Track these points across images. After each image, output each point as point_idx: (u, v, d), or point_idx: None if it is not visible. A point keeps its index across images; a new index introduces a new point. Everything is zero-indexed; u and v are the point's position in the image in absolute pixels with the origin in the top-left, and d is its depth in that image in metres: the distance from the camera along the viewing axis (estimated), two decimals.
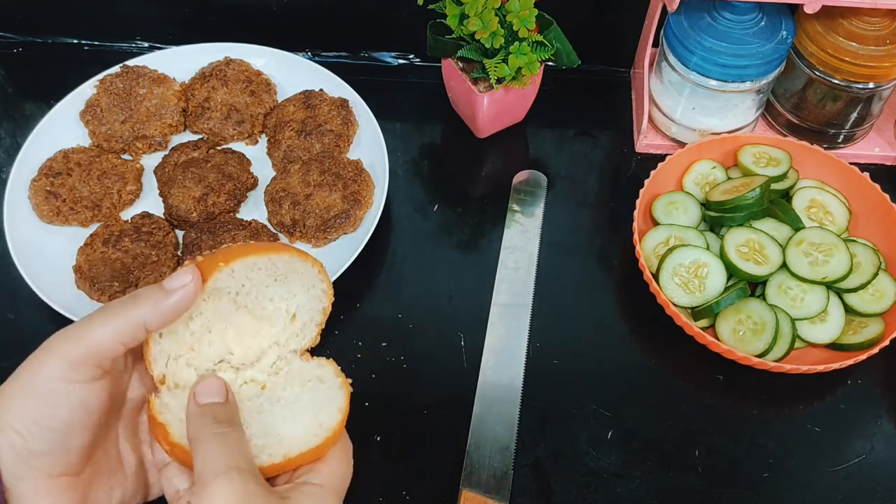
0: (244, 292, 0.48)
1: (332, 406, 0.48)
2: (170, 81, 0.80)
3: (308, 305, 0.50)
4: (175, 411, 0.45)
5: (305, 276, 0.49)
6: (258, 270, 0.47)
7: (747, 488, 0.63)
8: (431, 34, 0.75)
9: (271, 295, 0.49)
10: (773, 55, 0.72)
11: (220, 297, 0.47)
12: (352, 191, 0.71)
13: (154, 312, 0.43)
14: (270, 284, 0.48)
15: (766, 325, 0.65)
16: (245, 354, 0.49)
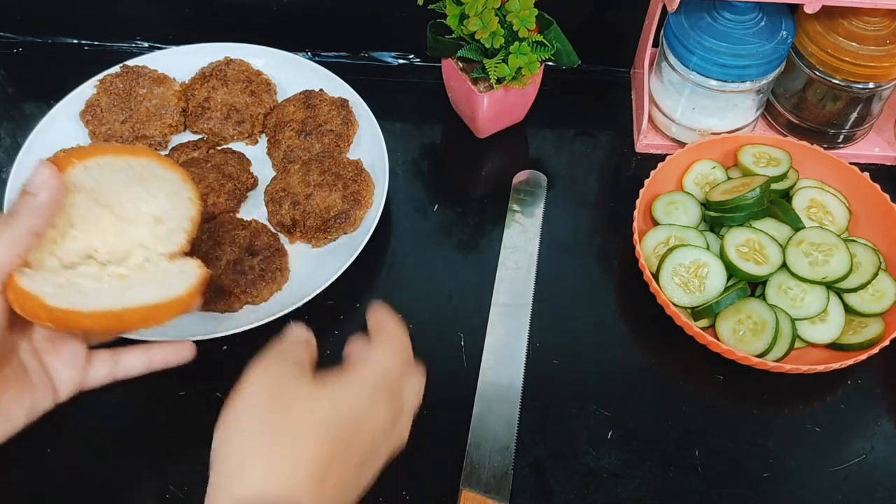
0: (101, 189, 0.49)
1: (183, 279, 0.51)
2: (170, 81, 0.80)
3: (174, 212, 0.52)
4: (42, 284, 0.46)
5: (168, 182, 0.51)
6: (115, 171, 0.49)
7: (747, 488, 0.63)
8: (431, 34, 0.75)
9: (131, 196, 0.50)
10: (773, 55, 0.72)
11: (78, 193, 0.48)
12: (352, 191, 0.71)
13: (35, 216, 0.46)
14: (129, 185, 0.50)
15: (766, 325, 0.65)
16: (111, 253, 0.50)
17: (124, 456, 0.63)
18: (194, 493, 0.61)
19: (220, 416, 0.44)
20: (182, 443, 0.64)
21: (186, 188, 0.52)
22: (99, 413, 0.65)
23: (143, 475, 0.62)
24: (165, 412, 0.65)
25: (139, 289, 0.49)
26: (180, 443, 0.64)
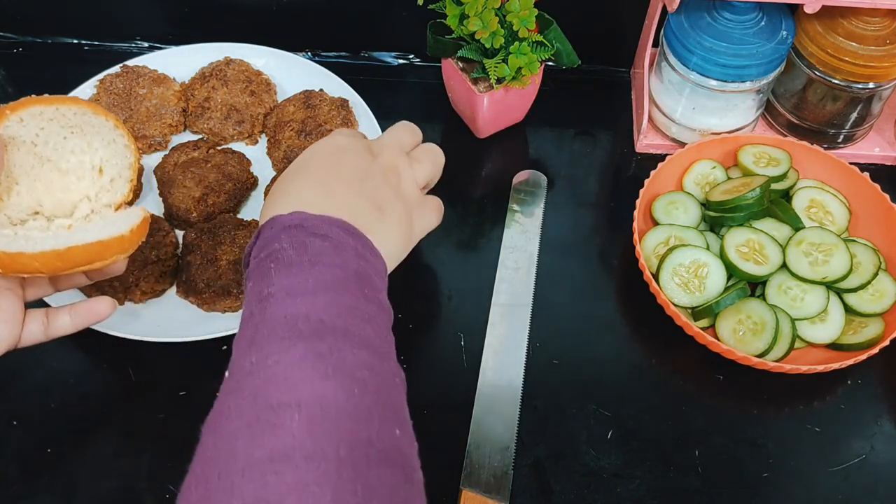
0: (41, 143, 0.50)
1: (126, 221, 0.52)
2: (170, 81, 0.80)
3: (114, 160, 0.53)
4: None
5: (102, 129, 0.52)
6: (49, 121, 0.50)
7: (747, 488, 0.63)
8: (431, 34, 0.75)
9: (71, 147, 0.51)
10: (773, 55, 0.72)
11: (18, 147, 0.49)
12: None
13: None
14: (67, 136, 0.51)
15: (766, 325, 0.65)
16: (57, 206, 0.51)
17: (124, 456, 0.63)
18: None
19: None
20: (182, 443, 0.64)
21: (120, 134, 0.53)
22: (99, 413, 0.65)
23: (143, 475, 0.62)
24: (165, 412, 0.65)
25: (84, 232, 0.51)
26: (180, 443, 0.64)
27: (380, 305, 0.49)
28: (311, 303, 0.45)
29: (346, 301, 0.46)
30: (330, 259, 0.48)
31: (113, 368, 0.67)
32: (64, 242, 0.49)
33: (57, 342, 0.57)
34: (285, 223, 0.49)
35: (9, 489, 0.61)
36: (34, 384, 0.66)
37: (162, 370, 0.67)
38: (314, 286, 0.46)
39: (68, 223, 0.52)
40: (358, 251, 0.50)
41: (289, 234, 0.48)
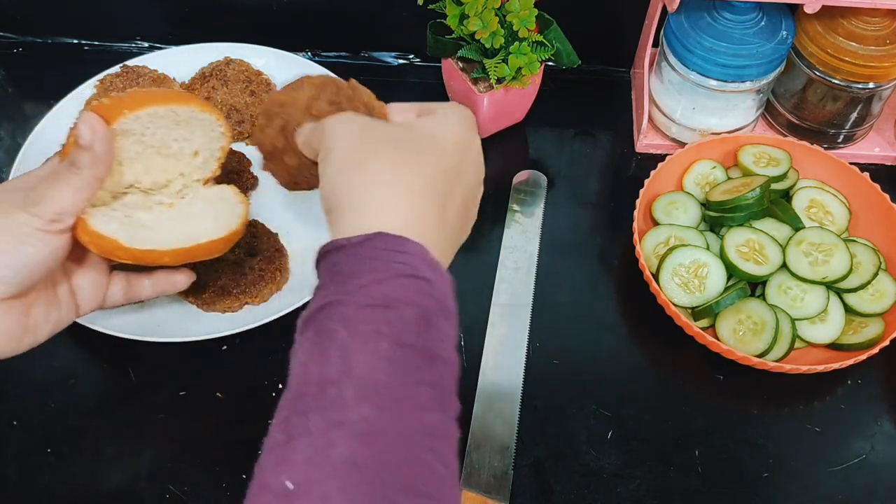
0: (149, 134, 0.54)
1: (233, 213, 0.59)
2: (170, 81, 0.80)
3: (208, 144, 0.58)
4: (108, 222, 0.52)
5: (205, 122, 0.57)
6: (161, 118, 0.54)
7: (747, 488, 0.63)
8: (431, 34, 0.75)
9: (175, 136, 0.56)
10: (773, 55, 0.72)
11: (128, 136, 0.53)
12: None
13: (96, 167, 0.49)
14: (173, 128, 0.55)
15: (766, 325, 0.65)
16: (153, 182, 0.56)
17: (124, 456, 0.63)
18: (194, 493, 0.61)
19: (321, 163, 0.47)
20: (182, 443, 0.64)
21: (219, 124, 0.58)
22: (99, 413, 0.65)
23: (144, 475, 0.62)
24: (165, 412, 0.65)
25: (197, 223, 0.57)
26: (180, 443, 0.64)
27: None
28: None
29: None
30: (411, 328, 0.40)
31: (113, 368, 0.67)
32: (187, 239, 0.55)
33: (57, 342, 0.57)
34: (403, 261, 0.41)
35: (9, 489, 0.61)
36: (34, 384, 0.66)
37: (162, 370, 0.67)
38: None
39: (164, 199, 0.57)
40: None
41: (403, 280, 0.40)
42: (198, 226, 0.57)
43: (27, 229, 0.47)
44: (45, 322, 0.52)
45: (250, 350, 0.68)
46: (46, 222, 0.48)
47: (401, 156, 0.45)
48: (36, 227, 0.47)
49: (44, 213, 0.48)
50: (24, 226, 0.47)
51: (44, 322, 0.52)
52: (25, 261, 0.48)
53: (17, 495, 0.61)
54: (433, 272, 0.42)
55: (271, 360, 0.68)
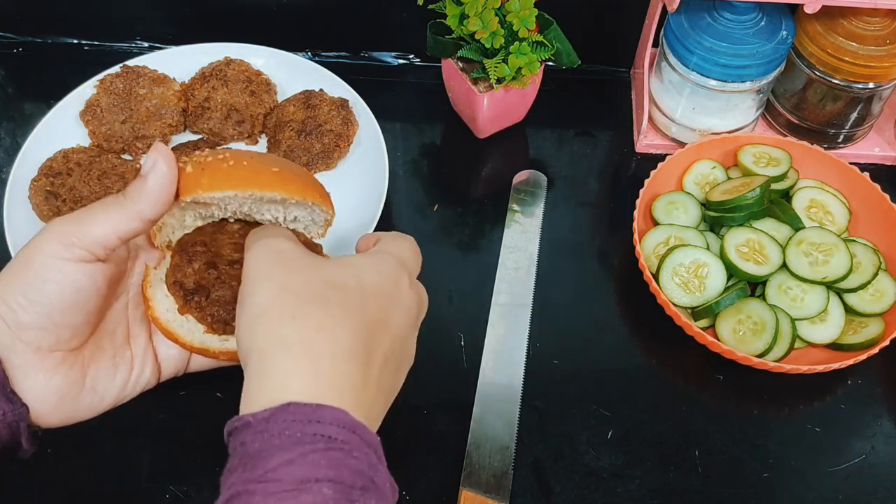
0: (236, 207, 0.49)
1: None
2: (170, 81, 0.80)
3: (309, 217, 0.52)
4: (161, 286, 0.48)
5: (300, 205, 0.50)
6: (243, 199, 0.48)
7: (747, 488, 0.63)
8: (431, 34, 0.75)
9: (265, 210, 0.50)
10: (773, 55, 0.72)
11: (209, 206, 0.49)
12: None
13: (143, 201, 0.44)
14: (265, 205, 0.50)
15: (766, 325, 0.65)
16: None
17: (124, 456, 0.63)
18: (194, 493, 0.61)
19: (238, 308, 0.43)
20: (182, 443, 0.64)
21: (320, 206, 0.51)
22: None
23: (144, 475, 0.62)
24: (165, 412, 0.65)
25: None
26: (180, 443, 0.64)
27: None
28: None
29: None
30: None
31: None
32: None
33: None
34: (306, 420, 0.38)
35: (9, 489, 0.61)
36: None
37: None
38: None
39: None
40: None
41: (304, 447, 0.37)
42: None
43: (52, 259, 0.42)
44: (109, 382, 0.47)
45: None
46: (73, 249, 0.43)
47: (322, 309, 0.41)
48: (60, 255, 0.43)
49: (72, 239, 0.43)
50: (50, 255, 0.42)
51: (109, 381, 0.47)
52: (51, 295, 0.42)
53: (17, 495, 0.61)
54: (352, 436, 0.38)
55: None
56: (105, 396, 0.47)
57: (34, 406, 0.43)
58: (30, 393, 0.43)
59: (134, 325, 0.49)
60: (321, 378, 0.39)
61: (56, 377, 0.44)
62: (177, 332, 0.47)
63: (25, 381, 0.43)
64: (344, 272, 0.43)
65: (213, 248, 0.50)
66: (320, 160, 0.75)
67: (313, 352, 0.39)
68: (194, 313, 0.48)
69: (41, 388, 0.43)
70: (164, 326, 0.47)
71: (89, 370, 0.46)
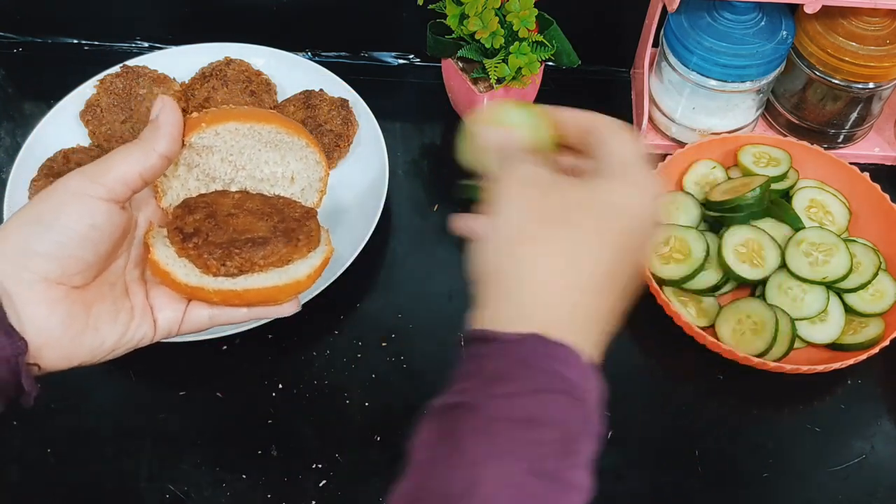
0: (236, 152, 0.52)
1: (305, 264, 0.51)
2: (170, 81, 0.80)
3: (305, 173, 0.55)
4: (162, 237, 0.50)
5: (295, 146, 0.53)
6: (244, 136, 0.51)
7: (747, 488, 0.63)
8: (431, 34, 0.75)
9: (266, 159, 0.53)
10: (773, 55, 0.72)
11: (213, 153, 0.51)
12: (287, 227, 0.53)
13: (159, 138, 0.47)
14: (261, 149, 0.53)
15: (766, 325, 0.65)
16: None
17: (124, 456, 0.63)
18: (194, 493, 0.61)
19: (488, 228, 0.43)
20: (182, 443, 0.64)
21: (312, 151, 0.54)
22: (99, 413, 0.65)
23: (143, 475, 0.62)
24: (165, 412, 0.65)
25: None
26: (180, 443, 0.64)
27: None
28: None
29: None
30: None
31: (113, 368, 0.67)
32: (242, 284, 0.49)
33: None
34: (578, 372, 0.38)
35: (9, 489, 0.61)
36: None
37: (162, 370, 0.67)
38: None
39: None
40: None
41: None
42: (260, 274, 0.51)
43: (73, 193, 0.44)
44: (111, 325, 0.47)
45: (250, 350, 0.68)
46: (96, 186, 0.44)
47: (577, 239, 0.40)
48: (83, 190, 0.44)
49: (96, 177, 0.44)
50: (73, 189, 0.44)
51: (109, 325, 0.47)
52: (68, 225, 0.43)
53: (17, 495, 0.61)
54: (587, 383, 0.38)
55: (271, 360, 0.68)
56: (106, 339, 0.47)
57: (35, 339, 0.43)
58: (31, 325, 0.43)
59: (132, 283, 0.50)
60: (567, 315, 0.39)
61: (59, 309, 0.44)
62: (175, 274, 0.48)
63: (27, 311, 0.43)
64: (604, 195, 0.42)
65: (214, 207, 0.52)
66: None
67: (562, 285, 0.40)
68: (191, 254, 0.49)
69: (43, 320, 0.43)
70: (163, 269, 0.48)
71: (92, 309, 0.46)
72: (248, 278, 0.50)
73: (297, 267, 0.51)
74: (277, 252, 0.50)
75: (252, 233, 0.51)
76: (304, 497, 0.61)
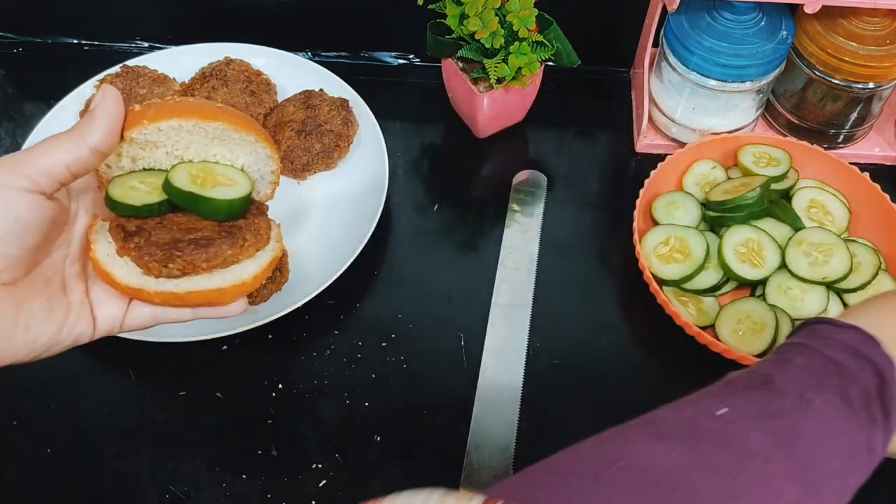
0: (182, 147, 0.50)
1: (250, 264, 0.50)
2: (170, 81, 0.80)
3: (256, 166, 0.54)
4: (105, 232, 0.48)
5: (243, 142, 0.52)
6: (188, 132, 0.50)
7: None
8: (431, 34, 0.75)
9: (213, 152, 0.52)
10: (773, 55, 0.72)
11: (157, 148, 0.50)
12: (234, 225, 0.51)
13: (90, 129, 0.45)
14: (209, 143, 0.51)
15: (766, 325, 0.65)
16: None
17: (124, 456, 0.63)
18: (194, 493, 0.61)
19: None
20: (182, 443, 0.64)
21: (263, 146, 0.53)
22: (99, 413, 0.65)
23: (143, 475, 0.62)
24: (165, 412, 0.65)
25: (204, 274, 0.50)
26: (180, 443, 0.64)
27: None
28: None
29: None
30: None
31: (113, 368, 0.67)
32: (184, 286, 0.48)
33: None
34: None
35: (9, 489, 0.61)
36: (34, 384, 0.66)
37: (162, 370, 0.67)
38: None
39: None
40: None
41: None
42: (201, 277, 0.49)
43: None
44: (45, 322, 0.46)
45: (250, 350, 0.68)
46: (17, 177, 0.42)
47: None
48: (5, 182, 0.42)
49: (18, 167, 0.43)
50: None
51: (42, 321, 0.45)
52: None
53: (17, 495, 0.61)
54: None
55: (271, 360, 0.68)
56: (39, 337, 0.45)
57: None
58: None
59: (71, 279, 0.48)
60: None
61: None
62: (114, 274, 0.47)
63: None
64: None
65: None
66: (320, 160, 0.76)
67: None
68: (132, 254, 0.48)
69: None
70: (103, 268, 0.47)
71: (24, 306, 0.44)
72: (190, 280, 0.48)
73: (242, 267, 0.50)
74: (221, 254, 0.49)
75: (197, 231, 0.50)
76: (304, 497, 0.61)
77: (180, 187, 0.49)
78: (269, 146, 0.53)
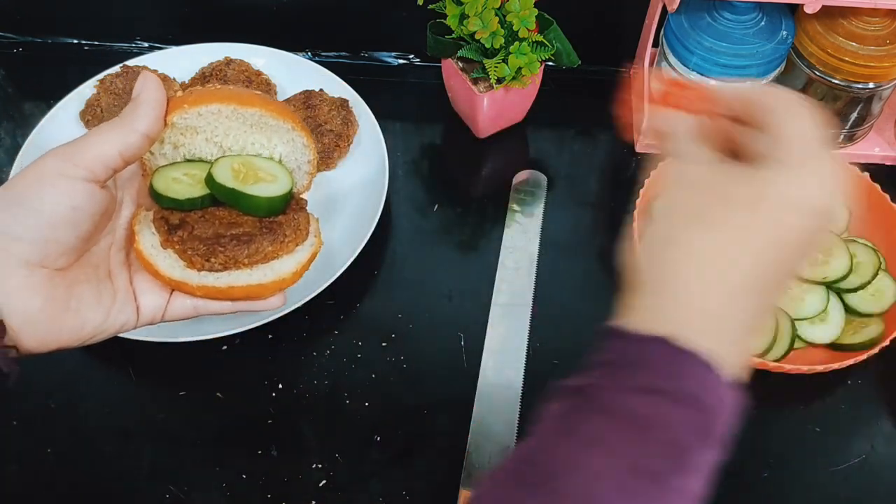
0: (221, 134, 0.51)
1: (291, 260, 0.51)
2: (170, 81, 0.80)
3: (293, 156, 0.54)
4: (148, 223, 0.49)
5: (280, 130, 0.52)
6: (227, 118, 0.50)
7: (747, 488, 0.63)
8: (431, 34, 0.75)
9: (252, 140, 0.52)
10: (773, 55, 0.72)
11: (197, 133, 0.51)
12: (274, 221, 0.52)
13: (140, 116, 0.46)
14: (246, 131, 0.52)
15: (766, 325, 0.65)
16: None
17: (124, 456, 0.63)
18: (194, 493, 0.61)
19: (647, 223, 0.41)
20: (182, 443, 0.64)
21: (299, 135, 0.53)
22: (99, 413, 0.65)
23: (144, 475, 0.62)
24: (165, 412, 0.65)
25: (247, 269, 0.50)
26: (180, 443, 0.64)
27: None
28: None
29: None
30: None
31: (113, 368, 0.67)
32: (225, 280, 0.49)
33: None
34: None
35: (9, 489, 0.61)
36: (34, 384, 0.66)
37: (162, 370, 0.67)
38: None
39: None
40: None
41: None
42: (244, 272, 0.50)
43: (52, 175, 0.43)
44: (94, 307, 0.46)
45: (250, 350, 0.68)
46: (74, 166, 0.43)
47: (737, 237, 0.38)
48: (62, 171, 0.43)
49: (74, 157, 0.44)
50: (52, 171, 0.43)
51: (91, 306, 0.46)
52: (47, 208, 0.43)
53: (17, 495, 0.61)
54: (713, 393, 0.39)
55: (271, 360, 0.68)
56: (87, 322, 0.46)
57: (14, 321, 0.43)
58: (11, 308, 0.43)
59: (116, 267, 0.49)
60: (710, 317, 0.38)
61: (40, 293, 0.44)
62: (158, 266, 0.48)
63: (6, 295, 0.42)
64: (765, 187, 0.38)
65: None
66: (320, 160, 0.76)
67: (713, 286, 0.38)
68: (175, 247, 0.49)
69: (24, 302, 0.43)
70: (147, 259, 0.48)
71: (74, 291, 0.45)
72: (231, 274, 0.49)
73: (282, 263, 0.51)
74: (262, 251, 0.50)
75: (238, 226, 0.51)
76: (304, 497, 0.61)
77: (223, 183, 0.50)
78: (305, 135, 0.53)
